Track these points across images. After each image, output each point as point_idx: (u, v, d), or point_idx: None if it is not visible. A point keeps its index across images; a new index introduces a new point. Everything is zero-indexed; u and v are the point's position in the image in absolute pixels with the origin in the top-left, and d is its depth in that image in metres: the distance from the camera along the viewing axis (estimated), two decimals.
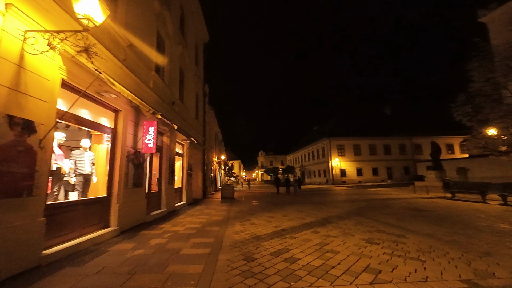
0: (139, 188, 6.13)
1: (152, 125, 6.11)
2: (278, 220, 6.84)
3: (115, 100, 5.15)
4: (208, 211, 8.75)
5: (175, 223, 6.37)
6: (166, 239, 4.70)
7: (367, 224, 6.03)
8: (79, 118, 4.38)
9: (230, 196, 14.16)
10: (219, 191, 20.67)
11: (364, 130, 35.59)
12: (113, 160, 5.25)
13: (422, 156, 35.11)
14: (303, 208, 9.45)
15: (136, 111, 6.14)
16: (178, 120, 9.56)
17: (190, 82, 12.48)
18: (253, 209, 9.45)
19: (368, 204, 10.22)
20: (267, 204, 11.00)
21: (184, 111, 10.79)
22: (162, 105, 7.87)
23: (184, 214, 8.10)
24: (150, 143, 6.02)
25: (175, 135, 9.29)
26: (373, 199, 12.26)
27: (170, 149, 8.73)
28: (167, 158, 8.41)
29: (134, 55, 6.10)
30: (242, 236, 4.97)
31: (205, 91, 16.23)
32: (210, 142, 20.83)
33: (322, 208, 9.34)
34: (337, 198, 13.65)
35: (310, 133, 53.46)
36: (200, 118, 15.09)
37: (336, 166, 33.43)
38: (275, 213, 8.23)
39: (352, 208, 9.00)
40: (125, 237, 4.80)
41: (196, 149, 13.28)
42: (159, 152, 8.16)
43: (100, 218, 4.82)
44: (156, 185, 7.95)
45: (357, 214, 7.57)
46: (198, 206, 10.33)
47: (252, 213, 8.20)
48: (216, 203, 11.94)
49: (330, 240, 4.56)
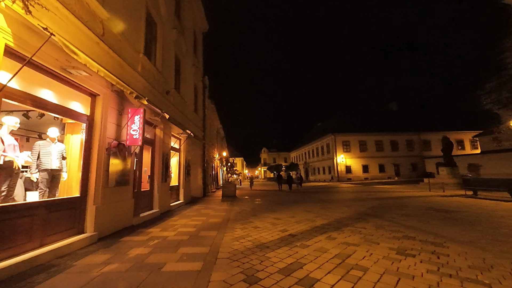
0: (124, 186, 5.30)
1: (137, 113, 5.25)
2: (285, 222, 5.97)
3: (89, 81, 4.29)
4: (206, 211, 7.92)
5: (166, 227, 5.54)
6: (150, 248, 3.86)
7: (389, 227, 5.14)
8: (39, 100, 3.52)
9: (231, 195, 13.34)
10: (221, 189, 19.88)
11: (370, 126, 34.48)
12: (89, 154, 4.41)
13: (431, 152, 33.96)
14: (311, 207, 8.57)
15: (120, 97, 5.28)
16: (173, 111, 8.70)
17: (188, 72, 11.61)
18: (256, 209, 8.60)
19: (382, 203, 9.31)
20: (271, 203, 10.15)
21: (180, 102, 9.93)
22: (153, 92, 7.01)
23: (179, 215, 7.27)
24: (135, 134, 5.17)
25: (170, 127, 8.44)
26: (385, 197, 11.33)
27: (164, 143, 7.89)
28: (160, 153, 7.57)
29: (116, 32, 5.22)
30: (243, 244, 4.11)
31: (204, 83, 15.35)
32: (211, 138, 20.00)
33: (332, 207, 8.46)
34: (345, 196, 12.75)
35: (314, 129, 52.40)
36: (200, 112, 14.23)
37: (341, 162, 32.44)
38: (281, 213, 7.37)
39: (365, 208, 8.10)
40: (101, 246, 3.98)
41: (195, 144, 12.44)
42: (151, 146, 7.32)
43: (72, 223, 4.00)
44: (148, 183, 7.13)
45: (373, 215, 6.68)
46: (196, 206, 9.51)
47: (255, 214, 7.35)
48: (216, 202, 11.12)
49: (351, 249, 3.68)
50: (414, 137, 34.39)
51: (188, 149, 10.80)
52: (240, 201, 11.18)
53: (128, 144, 5.18)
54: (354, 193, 14.27)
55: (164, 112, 5.92)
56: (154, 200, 7.19)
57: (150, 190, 7.12)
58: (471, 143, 34.45)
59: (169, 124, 8.31)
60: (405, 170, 33.27)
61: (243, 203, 10.34)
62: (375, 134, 33.83)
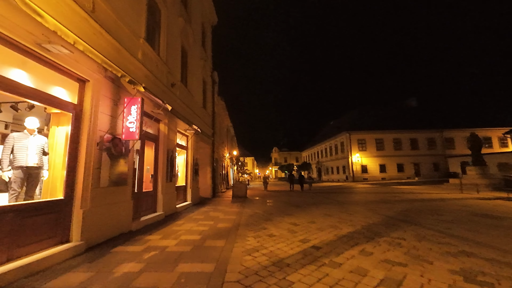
0: (120, 186, 4.66)
1: (134, 102, 4.59)
2: (305, 229, 5.13)
3: (76, 63, 3.65)
4: (215, 214, 7.21)
5: (169, 233, 4.84)
6: (143, 263, 3.15)
7: (435, 238, 4.19)
8: (8, 83, 2.89)
9: (242, 195, 12.60)
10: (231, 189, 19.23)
11: (387, 123, 32.75)
12: (76, 149, 3.77)
13: (454, 151, 31.79)
14: (331, 211, 7.66)
15: (115, 85, 4.64)
16: (178, 105, 8.05)
17: (196, 65, 10.97)
18: (269, 211, 7.79)
19: (411, 206, 8.24)
20: (286, 205, 9.30)
21: (187, 96, 9.29)
22: (156, 83, 6.36)
23: (185, 218, 6.59)
24: (132, 127, 4.50)
25: (175, 123, 7.79)
26: (412, 199, 10.18)
27: (169, 139, 7.24)
28: (165, 150, 6.93)
29: (110, 11, 4.58)
30: (256, 259, 3.32)
31: (214, 78, 14.71)
32: (221, 136, 19.38)
33: (354, 211, 7.51)
34: (365, 198, 11.67)
35: (327, 128, 50.88)
36: (209, 109, 13.60)
37: (357, 162, 30.97)
38: (298, 218, 6.53)
39: (393, 212, 7.10)
40: (86, 259, 3.31)
41: (204, 142, 11.80)
42: (154, 142, 6.69)
43: (53, 231, 3.37)
44: (151, 183, 6.50)
45: (407, 222, 5.70)
46: (204, 207, 8.83)
47: (269, 218, 6.55)
48: (226, 203, 10.41)
49: (399, 272, 2.80)
50: (436, 134, 32.30)
51: (196, 147, 10.15)
52: (251, 203, 10.42)
53: (124, 139, 4.52)
54: (374, 195, 13.13)
55: (166, 103, 5.24)
56: (157, 201, 6.55)
57: (154, 191, 6.49)
58: (499, 141, 31.94)
59: (175, 119, 7.66)
60: (426, 170, 31.30)
61: (255, 205, 9.57)
62: (392, 132, 32.06)
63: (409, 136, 32.14)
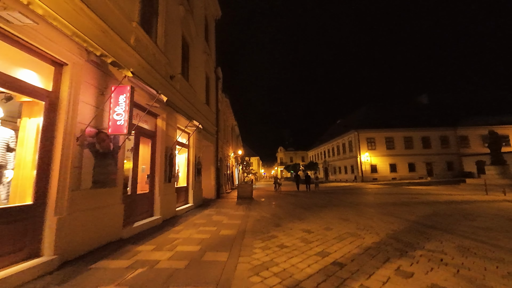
0: (108, 188, 4.05)
1: (123, 91, 3.96)
2: (321, 237, 4.42)
3: (49, 42, 3.04)
4: (218, 218, 6.56)
5: (163, 242, 4.20)
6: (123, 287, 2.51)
7: (483, 252, 3.43)
8: None
9: (248, 196, 11.95)
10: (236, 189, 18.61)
11: (397, 121, 31.56)
12: (50, 144, 3.16)
13: (469, 150, 30.39)
14: (346, 214, 6.91)
15: (101, 71, 4.03)
16: (178, 99, 7.44)
17: (198, 59, 10.35)
18: (278, 215, 7.10)
19: (435, 209, 7.42)
20: (295, 208, 8.59)
21: (189, 91, 8.67)
22: (152, 74, 5.74)
23: (185, 223, 5.96)
24: (120, 120, 3.88)
25: (175, 118, 7.18)
26: (433, 201, 9.33)
27: (168, 135, 6.63)
28: (163, 148, 6.32)
29: None
30: (266, 282, 2.64)
31: (217, 74, 14.08)
32: (226, 134, 18.78)
33: (372, 215, 6.74)
34: (379, 199, 10.83)
35: (333, 126, 49.79)
36: (212, 106, 12.98)
37: (366, 161, 29.92)
38: (311, 222, 5.82)
39: (416, 216, 6.31)
40: (56, 279, 2.69)
41: (207, 140, 11.18)
42: (151, 139, 6.08)
43: (19, 244, 2.76)
44: (146, 184, 5.90)
45: (437, 228, 4.94)
46: (207, 210, 8.19)
47: (278, 223, 5.85)
48: (231, 204, 9.77)
49: None
50: (449, 132, 30.93)
51: (198, 145, 9.53)
52: (257, 204, 9.74)
53: (110, 133, 3.90)
54: (388, 196, 12.26)
55: (160, 93, 4.60)
56: (155, 204, 5.94)
57: (150, 193, 5.88)
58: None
59: (174, 114, 7.05)
60: (439, 169, 29.99)
61: (261, 207, 8.88)
62: (403, 130, 30.85)
63: (421, 134, 30.88)
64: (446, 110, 33.66)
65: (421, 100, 37.21)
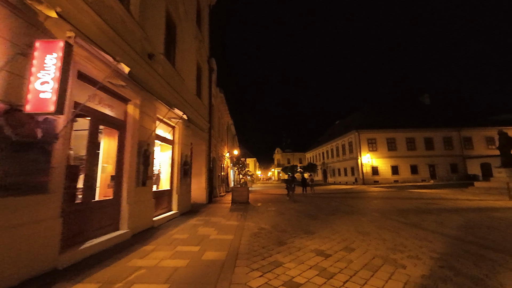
0: (31, 196, 2.70)
1: (54, 48, 2.62)
2: (343, 265, 3.11)
3: None
4: (204, 231, 5.22)
5: (114, 277, 2.85)
6: None
7: None
8: None
9: (243, 201, 10.61)
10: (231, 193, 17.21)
11: (399, 121, 30.53)
12: None
13: (473, 151, 29.47)
14: (361, 224, 5.63)
15: (21, 19, 2.69)
16: (160, 84, 6.12)
17: (188, 44, 9.04)
18: (279, 226, 5.78)
19: (466, 219, 6.19)
20: (298, 215, 7.28)
21: (174, 77, 7.34)
22: (118, 43, 4.40)
23: (161, 238, 4.60)
24: (47, 91, 2.55)
25: (154, 107, 5.84)
26: (455, 208, 8.11)
27: (143, 127, 5.29)
28: (135, 142, 4.98)
29: None
30: None
31: (211, 65, 12.77)
32: (220, 133, 17.44)
33: (392, 226, 5.46)
34: (391, 204, 9.53)
35: (332, 127, 48.75)
36: (205, 99, 11.64)
37: (367, 163, 28.75)
38: (322, 238, 4.52)
39: (451, 229, 5.06)
40: None
41: (198, 137, 9.84)
42: (118, 129, 4.73)
43: None
44: (110, 188, 4.54)
45: (494, 249, 3.68)
46: (194, 219, 6.83)
47: (281, 239, 4.53)
48: (223, 211, 8.42)
49: None
50: (453, 133, 29.96)
51: (186, 142, 8.18)
52: (254, 211, 8.41)
53: (29, 111, 2.55)
54: (399, 200, 11.01)
55: (119, 61, 3.25)
56: (121, 215, 4.58)
57: (115, 199, 4.52)
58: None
59: (153, 101, 5.72)
60: (442, 171, 28.97)
61: (259, 215, 7.55)
62: (405, 131, 29.80)
63: (424, 135, 29.84)
64: (448, 111, 32.80)
65: (423, 100, 36.34)
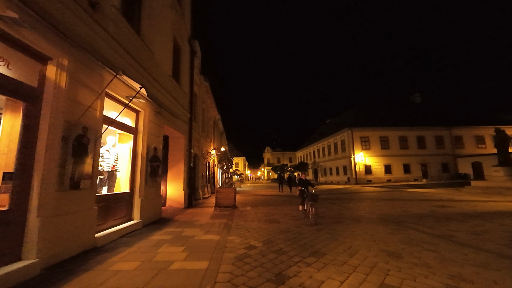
0: None
1: None
2: None
3: None
4: (167, 255, 3.57)
5: None
6: None
7: None
8: None
9: (229, 204, 8.99)
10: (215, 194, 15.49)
11: (392, 120, 29.91)
12: None
13: (464, 150, 29.30)
14: (383, 239, 4.18)
15: None
16: (108, 44, 4.39)
17: (160, 11, 7.28)
18: (274, 242, 4.23)
19: (505, 227, 4.91)
20: (295, 222, 5.76)
21: (135, 43, 5.60)
22: None
23: (92, 272, 2.93)
24: None
25: (97, 76, 4.09)
26: (476, 212, 6.92)
27: (73, 102, 3.57)
28: (58, 123, 3.26)
29: None
30: None
31: (193, 48, 11.01)
32: (206, 128, 15.69)
33: (422, 240, 4.07)
34: (401, 207, 8.20)
35: (323, 126, 47.89)
36: (185, 85, 9.90)
37: (360, 162, 27.86)
38: (341, 267, 3.01)
39: (501, 245, 3.72)
40: None
41: (174, 128, 8.10)
42: (26, 101, 2.99)
43: None
44: (4, 194, 2.80)
45: None
46: (159, 232, 5.13)
47: (280, 271, 2.97)
48: (203, 218, 6.77)
49: None
50: (444, 132, 29.65)
51: (154, 132, 6.43)
52: (242, 218, 6.81)
53: None
54: (404, 202, 9.75)
55: None
56: (26, 237, 2.86)
57: (14, 211, 2.79)
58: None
59: (96, 68, 3.99)
60: (434, 171, 28.57)
61: (248, 224, 5.96)
62: (398, 129, 29.19)
63: (416, 133, 29.34)
64: (439, 110, 32.60)
65: (414, 99, 36.08)
